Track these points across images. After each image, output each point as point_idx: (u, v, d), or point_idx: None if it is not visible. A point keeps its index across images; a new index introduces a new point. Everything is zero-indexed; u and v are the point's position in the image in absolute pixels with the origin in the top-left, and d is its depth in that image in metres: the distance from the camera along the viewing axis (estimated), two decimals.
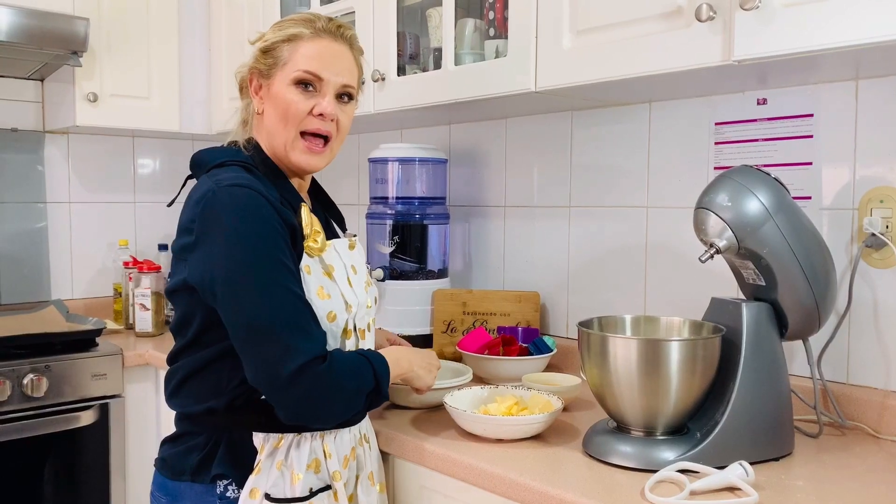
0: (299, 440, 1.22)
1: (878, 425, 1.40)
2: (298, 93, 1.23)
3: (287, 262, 1.15)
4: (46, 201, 2.61)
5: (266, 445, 1.21)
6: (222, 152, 1.27)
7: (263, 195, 1.16)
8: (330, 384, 1.13)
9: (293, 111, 1.23)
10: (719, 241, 1.24)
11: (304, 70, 1.23)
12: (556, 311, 1.99)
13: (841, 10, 1.11)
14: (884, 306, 1.42)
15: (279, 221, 1.16)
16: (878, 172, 1.42)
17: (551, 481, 1.14)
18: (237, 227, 1.12)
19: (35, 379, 1.95)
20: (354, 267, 1.30)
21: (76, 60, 2.22)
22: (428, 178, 2.12)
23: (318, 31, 1.25)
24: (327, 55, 1.25)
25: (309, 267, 1.21)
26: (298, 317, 1.13)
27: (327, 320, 1.20)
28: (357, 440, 1.30)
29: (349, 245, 1.33)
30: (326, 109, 1.24)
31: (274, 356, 1.10)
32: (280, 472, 1.20)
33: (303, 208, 1.22)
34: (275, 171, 1.27)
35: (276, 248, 1.14)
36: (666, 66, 1.34)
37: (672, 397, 1.19)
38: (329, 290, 1.22)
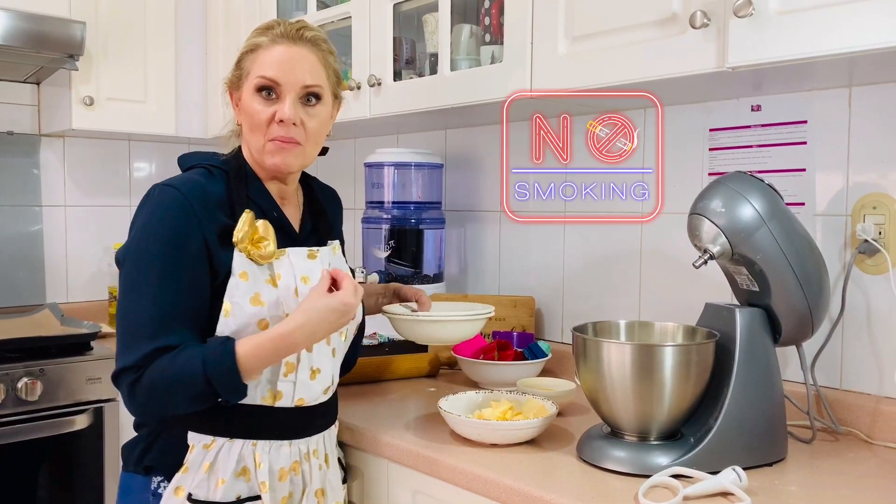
0: (230, 445, 1.23)
1: (871, 431, 1.40)
2: (260, 101, 1.24)
3: (178, 264, 1.17)
4: (42, 205, 2.61)
5: (197, 446, 1.22)
6: (197, 156, 1.32)
7: (187, 197, 1.19)
8: (147, 392, 1.15)
9: (257, 120, 1.24)
10: (713, 246, 1.24)
11: (260, 76, 1.24)
12: (552, 316, 2.00)
13: (834, 17, 1.12)
14: (877, 312, 1.43)
15: (193, 223, 1.18)
16: (871, 179, 1.43)
17: (545, 486, 1.14)
18: (144, 223, 1.20)
19: (29, 383, 1.95)
20: (306, 277, 1.26)
21: (72, 64, 2.22)
22: (424, 182, 2.13)
23: (276, 38, 1.25)
24: (284, 59, 1.24)
25: (247, 273, 1.21)
26: (153, 318, 1.16)
27: (258, 328, 1.20)
28: (302, 455, 1.28)
29: (308, 255, 1.29)
30: (285, 114, 1.23)
31: (116, 354, 1.19)
32: (206, 474, 1.21)
33: (245, 215, 1.21)
34: (246, 175, 1.28)
35: (171, 250, 1.17)
36: (661, 72, 1.35)
37: (666, 402, 1.19)
38: (266, 298, 1.21)
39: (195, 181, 1.24)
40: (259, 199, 1.28)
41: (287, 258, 1.26)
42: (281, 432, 1.26)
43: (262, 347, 1.16)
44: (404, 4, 1.92)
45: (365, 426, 1.44)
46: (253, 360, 1.16)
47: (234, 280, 1.20)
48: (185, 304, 1.18)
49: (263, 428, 1.24)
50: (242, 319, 1.20)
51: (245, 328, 1.20)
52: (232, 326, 1.20)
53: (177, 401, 1.17)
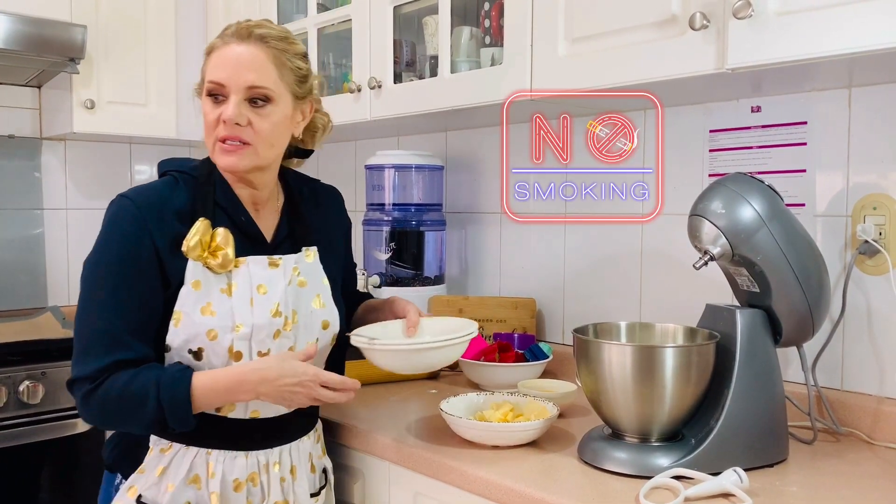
0: (185, 452, 1.23)
1: (873, 431, 1.40)
2: (210, 104, 1.24)
3: (130, 277, 1.18)
4: (43, 208, 2.61)
5: (155, 448, 1.23)
6: (171, 163, 1.32)
7: (140, 207, 1.20)
8: (99, 406, 1.17)
9: (206, 122, 1.24)
10: (713, 248, 1.24)
11: (209, 80, 1.23)
12: (552, 317, 2.00)
13: (834, 18, 1.12)
14: (877, 313, 1.43)
15: (144, 234, 1.19)
16: (872, 179, 1.43)
17: (546, 488, 1.14)
18: (100, 236, 1.21)
19: (31, 386, 1.95)
20: (263, 287, 1.24)
21: (73, 67, 2.23)
22: (424, 184, 2.13)
23: (227, 38, 1.23)
24: (230, 60, 1.22)
25: (199, 282, 1.20)
26: (104, 331, 1.17)
27: (207, 338, 1.19)
28: (261, 466, 1.26)
29: (269, 263, 1.26)
30: (225, 114, 1.21)
31: (72, 361, 1.19)
32: (159, 477, 1.22)
33: (198, 223, 1.20)
34: (215, 181, 1.27)
35: (123, 262, 1.18)
36: (660, 73, 1.35)
37: (667, 404, 1.19)
38: (217, 308, 1.20)
39: (154, 190, 1.25)
40: (227, 204, 1.27)
41: (246, 267, 1.24)
42: (236, 443, 1.25)
43: (217, 384, 1.17)
44: (404, 7, 1.92)
45: (366, 428, 1.44)
46: (206, 395, 1.17)
47: (185, 289, 1.19)
48: (139, 317, 1.18)
49: (218, 437, 1.23)
50: (192, 329, 1.19)
51: (194, 337, 1.19)
52: (181, 336, 1.19)
53: (126, 420, 1.18)
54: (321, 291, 1.33)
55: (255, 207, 1.31)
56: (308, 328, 1.30)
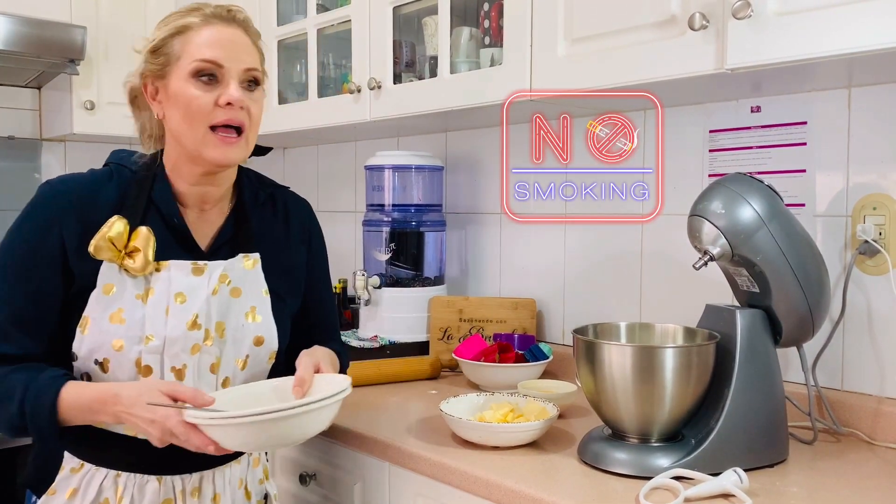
0: (94, 473, 1.14)
1: (873, 432, 1.40)
2: (200, 86, 1.12)
3: (30, 268, 1.10)
4: None
5: (66, 467, 1.15)
6: (116, 154, 1.24)
7: (58, 195, 1.13)
8: None
9: (196, 106, 1.12)
10: (713, 248, 1.24)
11: (200, 59, 1.12)
12: (552, 318, 2.00)
13: (833, 18, 1.12)
14: (877, 313, 1.43)
15: (54, 224, 1.12)
16: (871, 179, 1.43)
17: (547, 488, 1.14)
18: (16, 219, 1.15)
19: None
20: (182, 295, 1.13)
21: (73, 68, 2.23)
22: (424, 185, 2.13)
23: (208, 17, 1.14)
24: (225, 40, 1.13)
25: (112, 286, 1.11)
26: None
27: (113, 349, 1.10)
28: (177, 492, 1.17)
29: (193, 269, 1.16)
30: (234, 96, 1.12)
31: None
32: (69, 499, 1.14)
33: (110, 221, 1.11)
34: (154, 177, 1.19)
35: (25, 252, 1.11)
36: (660, 74, 1.35)
37: (667, 404, 1.19)
38: (128, 316, 1.10)
39: (83, 182, 1.17)
40: (161, 203, 1.17)
41: (167, 272, 1.14)
42: (149, 467, 1.15)
43: (80, 399, 1.06)
44: (404, 7, 1.92)
45: (366, 429, 1.44)
46: (71, 409, 1.07)
47: (96, 292, 1.11)
48: (32, 312, 1.11)
49: (128, 460, 1.14)
50: (98, 338, 1.10)
51: (100, 347, 1.10)
52: (87, 344, 1.11)
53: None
54: (258, 304, 1.20)
55: (202, 207, 1.22)
56: (236, 343, 1.18)
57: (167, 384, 1.06)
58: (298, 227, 1.33)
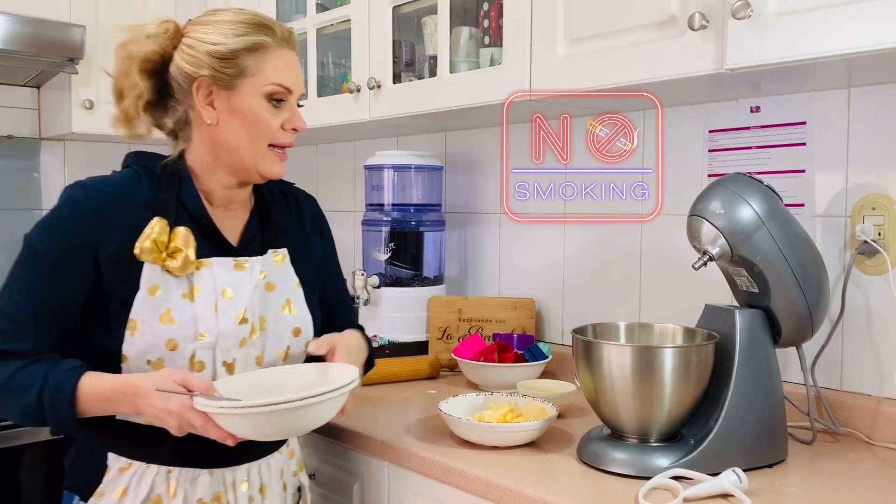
0: (144, 470, 1.16)
1: (872, 432, 1.40)
2: (269, 107, 1.18)
3: (56, 270, 1.11)
4: (42, 208, 2.60)
5: (113, 468, 1.16)
6: (136, 157, 1.25)
7: (91, 199, 1.14)
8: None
9: (266, 127, 1.18)
10: (712, 248, 1.24)
11: (277, 84, 1.17)
12: (552, 317, 2.00)
13: (833, 19, 1.12)
14: (876, 313, 1.43)
15: (87, 229, 1.12)
16: (871, 180, 1.43)
17: (546, 488, 1.14)
18: (46, 217, 1.15)
19: None
20: (229, 291, 1.16)
21: (72, 68, 2.23)
22: (423, 185, 2.13)
23: (280, 41, 1.19)
24: (293, 66, 1.21)
25: (158, 287, 1.13)
26: (7, 318, 1.10)
27: (167, 348, 1.11)
28: (227, 484, 1.19)
29: (235, 266, 1.19)
30: (302, 123, 1.21)
31: None
32: (119, 499, 1.15)
33: (153, 222, 1.13)
34: (180, 180, 1.20)
35: (53, 253, 1.12)
36: (659, 74, 1.35)
37: (666, 404, 1.19)
38: (178, 315, 1.12)
39: (114, 183, 1.18)
40: (189, 204, 1.20)
41: (209, 269, 1.16)
42: (200, 461, 1.17)
43: (99, 390, 1.08)
44: (403, 7, 1.92)
45: (365, 429, 1.44)
46: (90, 399, 1.08)
47: (142, 294, 1.12)
48: (53, 312, 1.12)
49: (180, 455, 1.16)
50: (150, 339, 1.11)
51: (153, 348, 1.12)
52: (138, 346, 1.11)
53: (8, 410, 1.11)
54: (291, 296, 1.25)
55: (228, 206, 1.24)
56: (277, 335, 1.22)
57: (180, 373, 1.07)
58: (310, 220, 1.37)
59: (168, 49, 1.20)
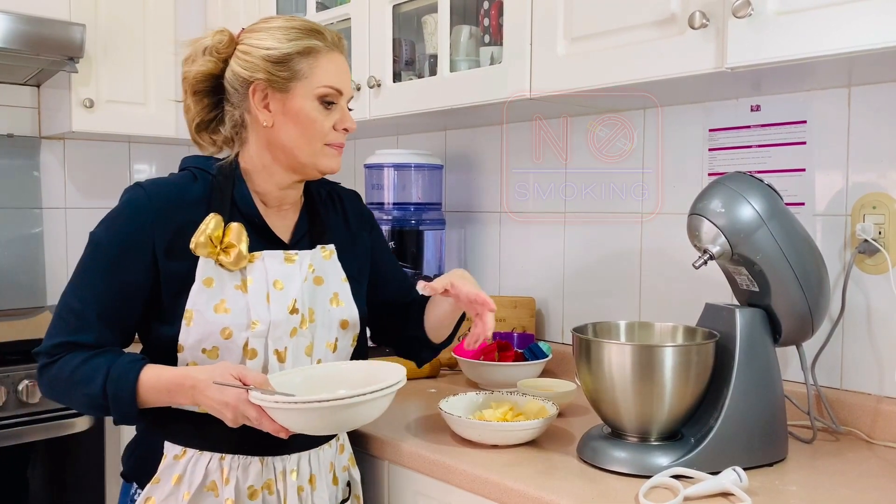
0: (199, 457, 1.20)
1: (872, 431, 1.40)
2: (322, 109, 1.22)
3: (117, 266, 1.16)
4: (42, 207, 2.61)
5: (168, 455, 1.20)
6: (192, 160, 1.29)
7: (150, 198, 1.18)
8: (50, 381, 1.16)
9: (319, 128, 1.22)
10: (713, 247, 1.24)
11: (329, 86, 1.22)
12: (552, 316, 2.00)
13: (833, 17, 1.12)
14: (877, 312, 1.43)
15: (146, 227, 1.17)
16: (871, 179, 1.43)
17: (546, 487, 1.14)
18: (108, 215, 1.21)
19: (30, 385, 1.95)
20: (280, 283, 1.21)
21: (72, 66, 2.23)
22: (424, 183, 2.13)
23: (331, 45, 1.24)
24: (343, 70, 1.25)
25: (212, 279, 1.18)
26: (74, 311, 1.16)
27: (221, 337, 1.17)
28: (278, 473, 1.23)
29: (285, 258, 1.23)
30: (352, 124, 1.26)
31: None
32: (175, 486, 1.19)
33: (208, 218, 1.17)
34: (234, 180, 1.25)
35: (115, 250, 1.17)
36: (660, 72, 1.35)
37: (666, 403, 1.19)
38: (232, 305, 1.17)
39: (171, 183, 1.23)
40: (242, 204, 1.24)
41: (261, 262, 1.21)
42: (251, 448, 1.21)
43: (159, 383, 1.13)
44: (404, 6, 1.92)
45: (365, 428, 1.44)
46: (150, 391, 1.13)
47: (197, 286, 1.17)
48: (115, 306, 1.17)
49: (233, 442, 1.19)
50: (205, 328, 1.16)
51: (208, 337, 1.16)
52: (194, 335, 1.16)
53: (73, 400, 1.17)
54: (339, 290, 1.30)
55: (280, 207, 1.29)
56: (326, 327, 1.27)
57: (237, 367, 1.11)
58: (356, 216, 1.42)
59: (220, 63, 1.25)
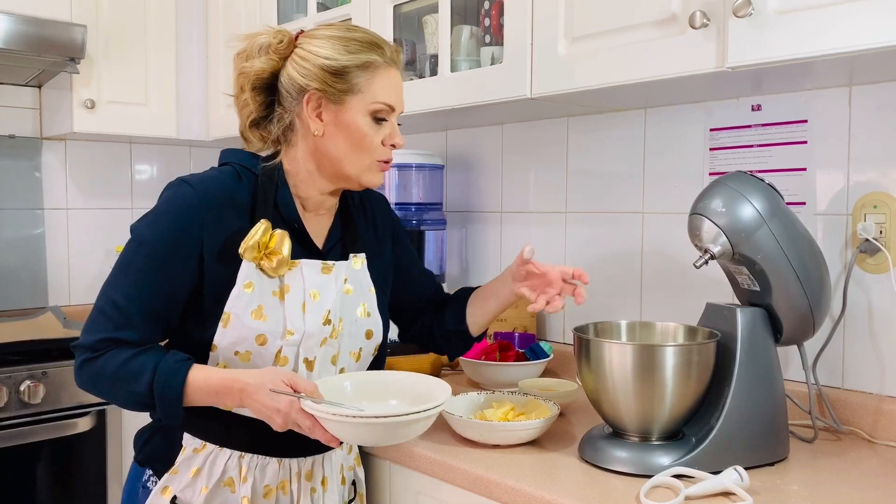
0: (219, 453, 1.21)
1: (873, 430, 1.40)
2: (373, 124, 1.22)
3: (164, 264, 1.15)
4: (44, 208, 2.61)
5: (188, 448, 1.22)
6: (233, 154, 1.28)
7: (200, 197, 1.17)
8: (94, 376, 1.15)
9: (369, 143, 1.22)
10: (714, 246, 1.24)
11: (383, 103, 1.22)
12: (553, 316, 2.00)
13: (834, 17, 1.12)
14: (878, 311, 1.43)
15: (195, 226, 1.16)
16: (872, 178, 1.43)
17: (547, 487, 1.14)
18: (155, 212, 1.19)
19: (32, 385, 1.95)
20: (316, 293, 1.22)
21: (73, 67, 2.23)
22: (424, 183, 2.13)
23: (389, 61, 1.24)
24: (399, 86, 1.25)
25: (252, 284, 1.18)
26: (121, 307, 1.15)
27: (256, 343, 1.17)
28: (293, 474, 1.24)
29: (322, 269, 1.24)
30: (401, 141, 1.26)
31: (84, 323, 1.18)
32: (193, 478, 1.20)
33: (259, 224, 1.18)
34: (277, 184, 1.24)
35: (162, 247, 1.16)
36: (660, 72, 1.35)
37: (667, 403, 1.19)
38: (269, 312, 1.18)
39: (218, 181, 1.21)
40: (284, 209, 1.24)
41: (299, 270, 1.22)
42: (271, 449, 1.22)
43: (208, 384, 1.13)
44: (404, 6, 1.92)
45: None
46: (197, 391, 1.13)
47: (236, 290, 1.17)
48: (158, 303, 1.16)
49: (253, 442, 1.21)
50: (241, 332, 1.17)
51: (242, 341, 1.17)
52: (229, 338, 1.17)
53: (117, 396, 1.17)
54: (367, 300, 1.30)
55: (317, 212, 1.29)
56: (353, 337, 1.27)
57: (288, 375, 1.11)
58: (384, 223, 1.42)
59: (280, 62, 1.23)
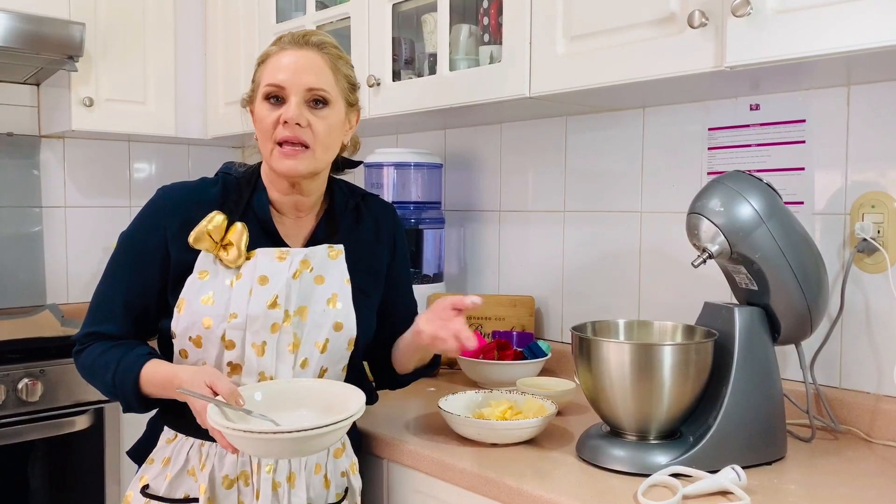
0: (184, 442, 1.27)
1: (871, 429, 1.40)
2: (268, 106, 1.24)
3: (132, 261, 1.27)
4: (42, 206, 2.61)
5: (163, 439, 1.30)
6: (226, 166, 1.37)
7: (166, 196, 1.28)
8: (80, 368, 1.29)
9: (265, 125, 1.24)
10: (712, 246, 1.24)
11: (268, 84, 1.24)
12: (551, 315, 2.00)
13: (832, 16, 1.12)
14: (876, 311, 1.43)
15: (160, 223, 1.26)
16: (870, 178, 1.43)
17: (545, 486, 1.14)
18: (135, 216, 1.31)
19: (30, 383, 1.95)
20: (265, 278, 1.23)
21: (72, 65, 2.22)
22: (423, 182, 2.13)
23: (283, 45, 1.26)
24: (289, 64, 1.24)
25: (207, 272, 1.24)
26: (101, 303, 1.28)
27: (203, 326, 1.22)
28: (254, 465, 1.24)
29: (277, 256, 1.26)
30: (287, 114, 1.21)
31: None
32: (163, 467, 1.27)
33: (210, 216, 1.24)
34: (254, 184, 1.32)
35: (132, 246, 1.28)
36: (659, 71, 1.35)
37: (665, 402, 1.19)
38: (217, 298, 1.23)
39: (191, 185, 1.31)
40: (258, 209, 1.29)
41: (254, 258, 1.25)
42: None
43: (155, 377, 1.21)
44: (403, 4, 1.92)
45: (364, 426, 1.44)
46: (148, 384, 1.22)
47: (191, 277, 1.24)
48: (136, 298, 1.26)
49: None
50: (191, 317, 1.23)
51: (192, 326, 1.23)
52: (183, 323, 1.23)
53: (98, 387, 1.28)
54: (339, 291, 1.29)
55: (297, 214, 1.33)
56: (318, 327, 1.27)
57: (212, 376, 1.15)
58: (386, 232, 1.43)
59: None
